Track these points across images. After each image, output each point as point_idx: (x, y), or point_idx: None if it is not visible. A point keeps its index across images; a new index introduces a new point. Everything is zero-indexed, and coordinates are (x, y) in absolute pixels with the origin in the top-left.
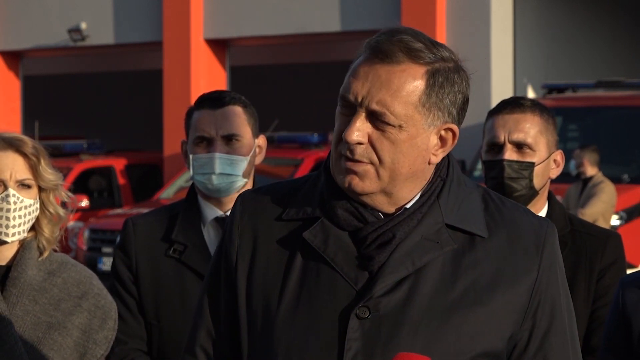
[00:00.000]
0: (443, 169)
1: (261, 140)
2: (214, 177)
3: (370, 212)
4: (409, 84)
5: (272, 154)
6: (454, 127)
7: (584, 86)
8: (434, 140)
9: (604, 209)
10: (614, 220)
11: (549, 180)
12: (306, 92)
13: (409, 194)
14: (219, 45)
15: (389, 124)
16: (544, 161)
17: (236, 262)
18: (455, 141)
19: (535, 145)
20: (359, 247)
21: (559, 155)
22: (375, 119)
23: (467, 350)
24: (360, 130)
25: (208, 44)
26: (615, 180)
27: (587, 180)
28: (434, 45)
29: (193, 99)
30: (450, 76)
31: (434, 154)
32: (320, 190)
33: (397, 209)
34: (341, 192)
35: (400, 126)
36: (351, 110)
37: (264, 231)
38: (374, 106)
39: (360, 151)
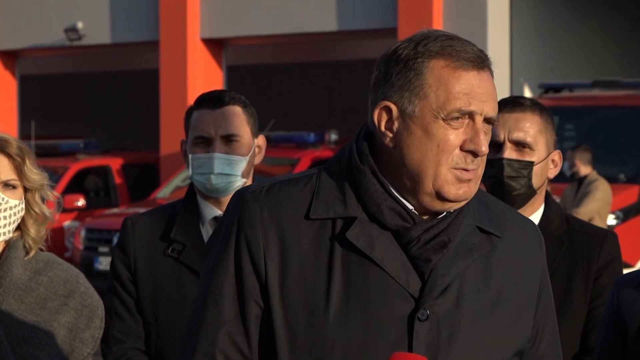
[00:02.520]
0: None
1: (260, 140)
2: (212, 177)
3: (413, 212)
4: (494, 84)
5: (268, 153)
6: None
7: (580, 86)
8: None
9: (599, 207)
10: (611, 220)
11: (547, 180)
12: (303, 92)
13: None
14: (215, 45)
15: (492, 126)
16: (542, 161)
17: (265, 264)
18: None
19: (535, 144)
20: (403, 247)
21: (557, 155)
22: (486, 124)
23: (512, 344)
24: (486, 140)
25: (204, 43)
26: (612, 179)
27: (582, 179)
28: None
29: (190, 98)
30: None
31: None
32: (348, 187)
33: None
34: (384, 190)
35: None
36: (464, 121)
37: (290, 231)
38: (492, 113)
39: (480, 160)
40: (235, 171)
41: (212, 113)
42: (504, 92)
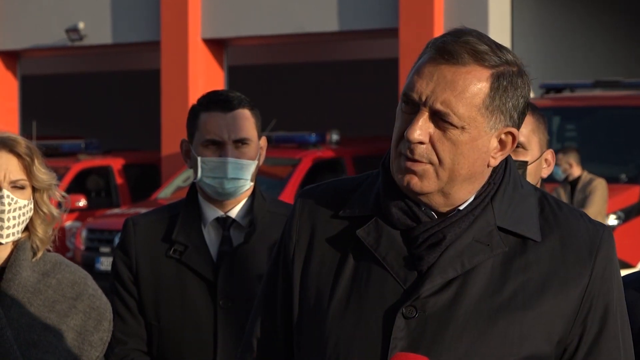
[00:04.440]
0: (499, 172)
1: (262, 142)
2: (225, 181)
3: (423, 212)
4: (473, 85)
5: (269, 153)
6: (515, 130)
7: (581, 86)
8: (494, 143)
9: (602, 207)
10: (612, 220)
11: (540, 180)
12: (304, 92)
13: (466, 195)
14: (216, 45)
15: (451, 125)
16: (536, 160)
17: (293, 257)
18: (515, 144)
19: (528, 144)
20: (409, 246)
21: (549, 155)
22: (438, 119)
23: (512, 354)
24: (422, 129)
25: (206, 43)
26: (613, 180)
27: (575, 181)
28: (499, 48)
29: (191, 98)
30: (514, 80)
31: (493, 157)
32: (376, 189)
33: (451, 210)
34: (397, 190)
35: (462, 127)
36: (414, 108)
37: (321, 227)
38: (438, 106)
39: (421, 151)
40: (246, 175)
41: (224, 117)
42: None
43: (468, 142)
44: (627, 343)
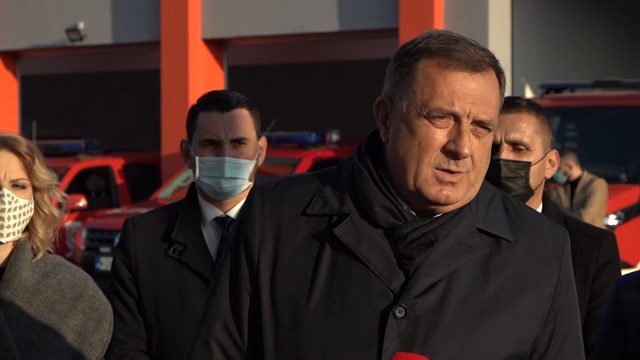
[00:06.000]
0: None
1: (262, 142)
2: (222, 180)
3: (407, 211)
4: (495, 89)
5: (269, 153)
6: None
7: (581, 86)
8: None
9: (602, 207)
10: (612, 220)
11: (544, 180)
12: (304, 92)
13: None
14: (216, 45)
15: (489, 132)
16: (539, 161)
17: (258, 256)
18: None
19: (532, 144)
20: (393, 245)
21: (554, 155)
22: (477, 127)
23: (499, 353)
24: (471, 142)
25: (206, 43)
26: (613, 180)
27: (576, 181)
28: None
29: (191, 98)
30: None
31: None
32: (347, 186)
33: (433, 212)
34: (379, 188)
35: (490, 130)
36: (449, 122)
37: (287, 225)
38: (482, 116)
39: (466, 162)
40: (243, 175)
41: (222, 116)
42: (505, 93)
43: (490, 142)
44: (581, 338)
